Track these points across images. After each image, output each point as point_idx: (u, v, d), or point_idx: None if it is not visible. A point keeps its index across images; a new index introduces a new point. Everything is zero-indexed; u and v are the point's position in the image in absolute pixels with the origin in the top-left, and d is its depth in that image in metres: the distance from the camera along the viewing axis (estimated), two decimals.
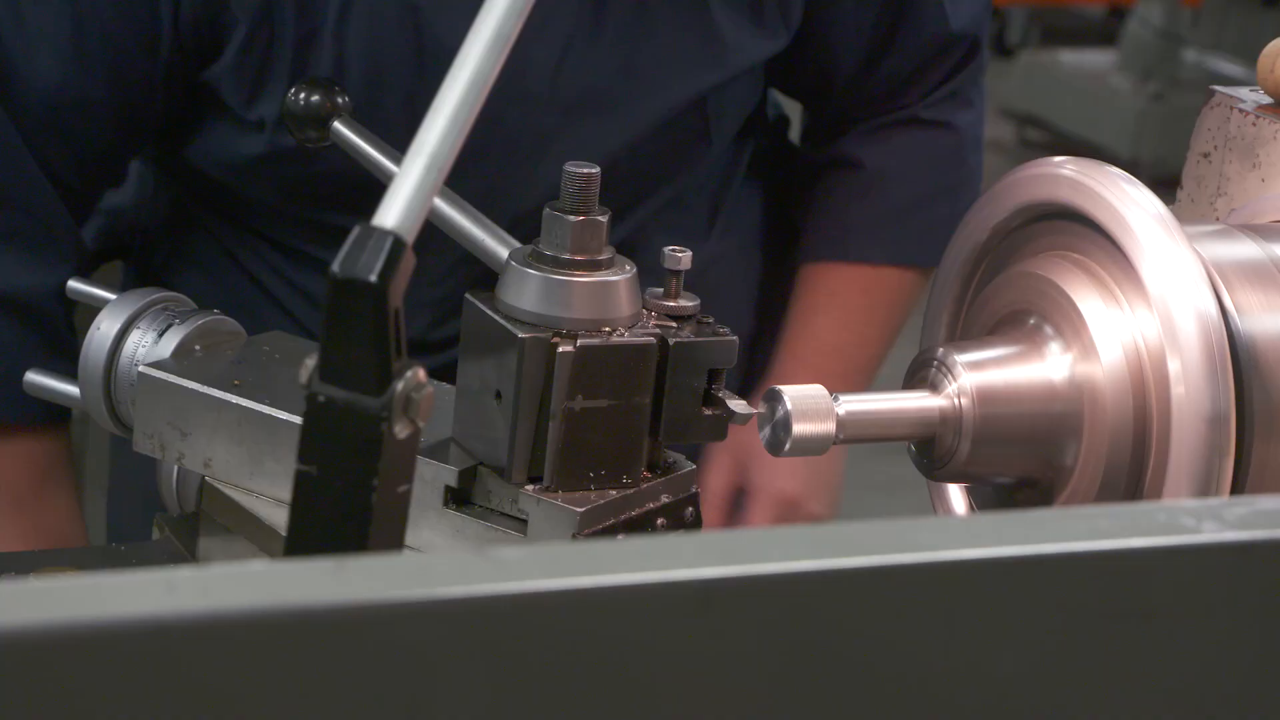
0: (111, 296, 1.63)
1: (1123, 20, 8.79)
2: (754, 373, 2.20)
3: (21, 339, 1.91)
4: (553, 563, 0.72)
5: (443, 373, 1.47)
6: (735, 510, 2.16)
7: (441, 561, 0.72)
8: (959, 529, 0.81)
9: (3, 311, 1.91)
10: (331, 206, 1.94)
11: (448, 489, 1.43)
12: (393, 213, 1.10)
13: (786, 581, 0.77)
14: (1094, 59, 8.67)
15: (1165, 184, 1.56)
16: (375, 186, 1.87)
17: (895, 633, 0.79)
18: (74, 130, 1.90)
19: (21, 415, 1.92)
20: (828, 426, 1.28)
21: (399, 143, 1.33)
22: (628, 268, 1.43)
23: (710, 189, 2.11)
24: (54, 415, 1.93)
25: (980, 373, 1.31)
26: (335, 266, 1.08)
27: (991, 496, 1.40)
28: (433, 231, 1.42)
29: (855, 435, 1.29)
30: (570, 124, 1.92)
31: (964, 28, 2.14)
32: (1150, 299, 1.25)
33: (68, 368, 1.91)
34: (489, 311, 1.41)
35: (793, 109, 2.37)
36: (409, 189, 1.11)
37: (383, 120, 1.74)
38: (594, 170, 1.42)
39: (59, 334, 1.94)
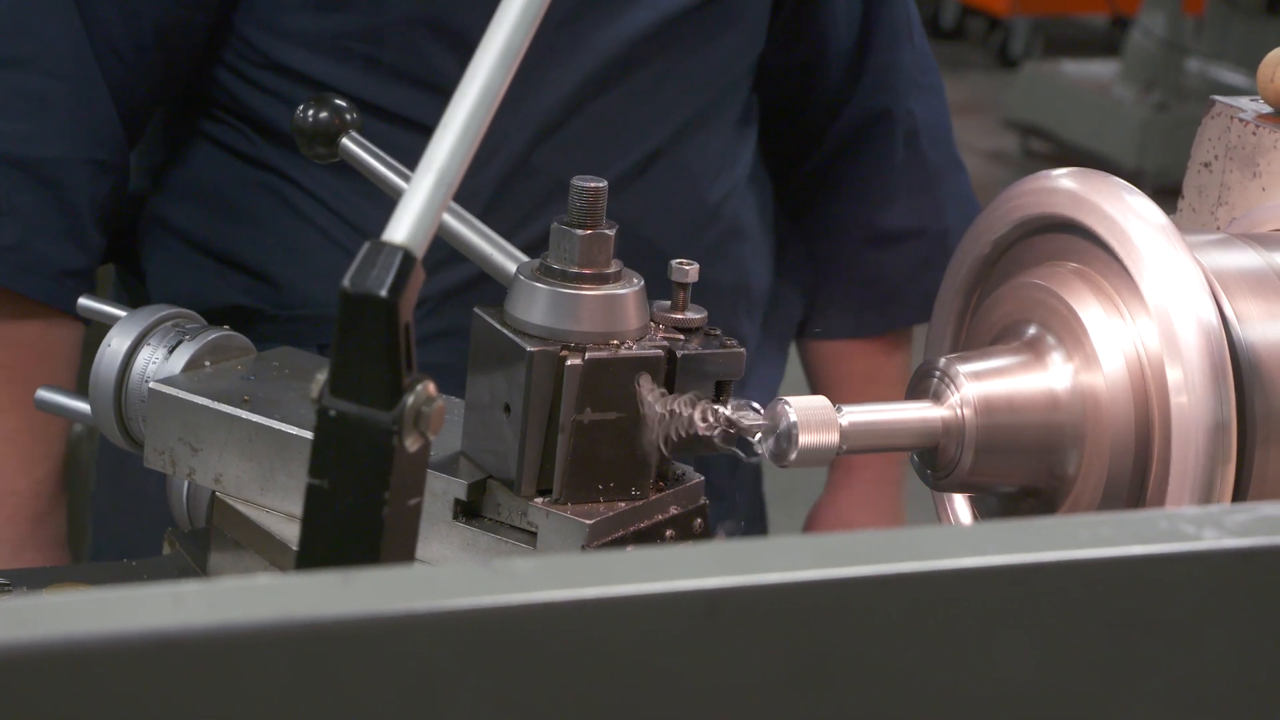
0: (122, 313, 1.64)
1: (1126, 30, 8.80)
2: (770, 326, 2.22)
3: (41, 208, 1.90)
4: (558, 574, 0.73)
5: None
6: None
7: (448, 573, 0.73)
8: (960, 538, 0.82)
9: (27, 177, 1.90)
10: (391, 79, 1.94)
11: (457, 502, 1.43)
12: (402, 228, 1.11)
13: (790, 591, 0.77)
14: (1097, 69, 8.67)
15: (1169, 194, 1.57)
16: (435, 54, 1.90)
17: (897, 641, 0.80)
18: None
19: (26, 286, 1.92)
20: (831, 437, 1.29)
21: None
22: (635, 280, 1.44)
23: (737, 104, 2.12)
24: (61, 296, 1.93)
25: (983, 383, 1.32)
26: (346, 281, 1.09)
27: (995, 506, 1.40)
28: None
29: (858, 446, 1.30)
30: None
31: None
32: (1151, 308, 1.26)
33: (80, 249, 1.91)
34: (497, 325, 1.42)
35: None
36: (419, 204, 1.12)
37: None
38: (601, 184, 1.43)
39: (80, 212, 1.92)
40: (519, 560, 0.74)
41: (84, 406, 1.65)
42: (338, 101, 1.60)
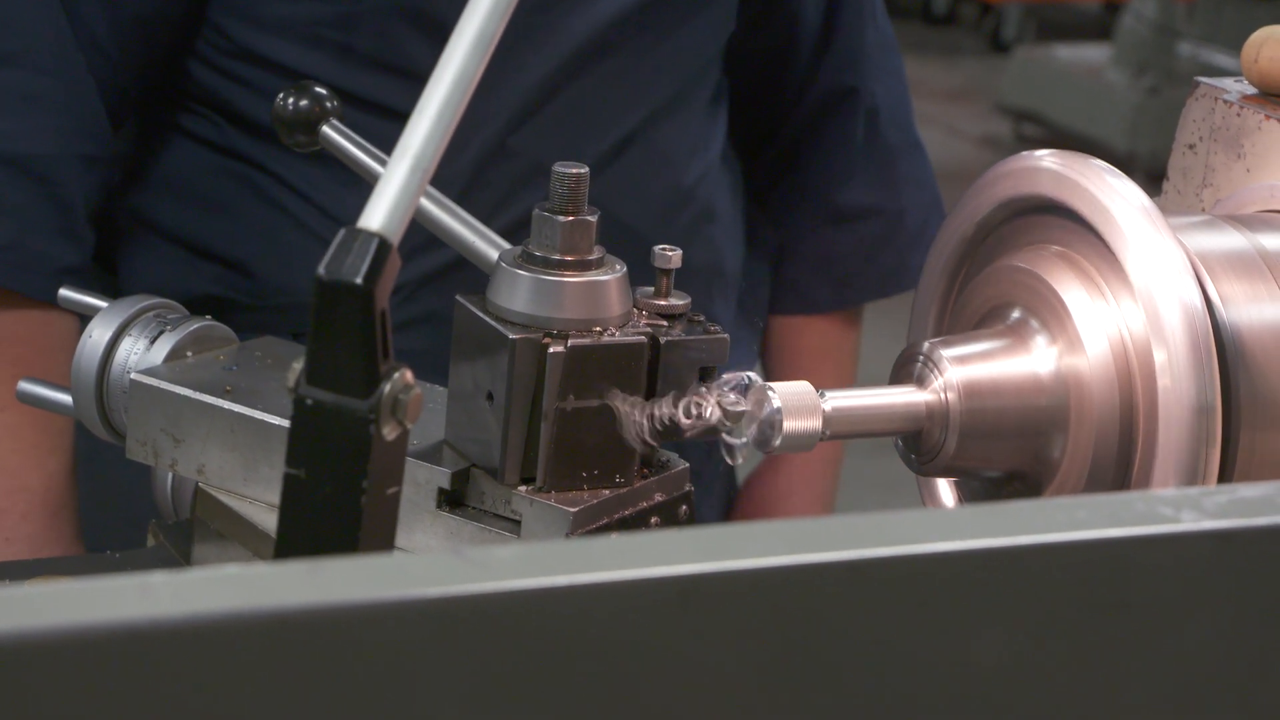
0: (103, 304, 1.63)
1: (1117, 14, 8.80)
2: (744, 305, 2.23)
3: (34, 206, 1.90)
4: (529, 561, 0.73)
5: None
6: None
7: (416, 562, 0.72)
8: (936, 522, 0.81)
9: (19, 175, 1.90)
10: (365, 66, 1.93)
11: (441, 491, 1.43)
12: (378, 214, 1.11)
13: (765, 577, 0.77)
14: (1089, 53, 8.68)
15: (1161, 177, 1.56)
16: (412, 43, 1.90)
17: (873, 626, 0.79)
18: None
19: (24, 285, 1.91)
20: (815, 423, 1.29)
21: None
22: (618, 267, 1.44)
23: (709, 86, 2.13)
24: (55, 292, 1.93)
25: (966, 367, 1.31)
26: (321, 269, 1.08)
27: (980, 490, 1.40)
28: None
29: (842, 431, 1.30)
30: None
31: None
32: (1135, 291, 1.26)
33: (74, 245, 1.90)
34: (479, 313, 1.41)
35: None
36: (394, 191, 1.12)
37: None
38: (583, 170, 1.42)
39: (73, 208, 1.92)
40: (489, 548, 0.73)
41: (66, 398, 1.64)
42: (318, 90, 1.60)
